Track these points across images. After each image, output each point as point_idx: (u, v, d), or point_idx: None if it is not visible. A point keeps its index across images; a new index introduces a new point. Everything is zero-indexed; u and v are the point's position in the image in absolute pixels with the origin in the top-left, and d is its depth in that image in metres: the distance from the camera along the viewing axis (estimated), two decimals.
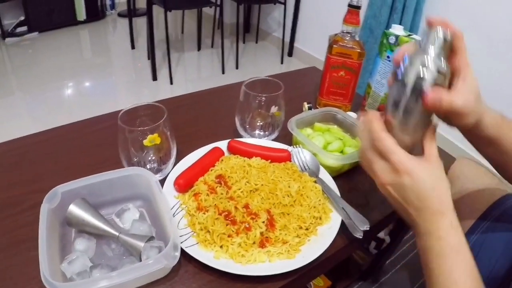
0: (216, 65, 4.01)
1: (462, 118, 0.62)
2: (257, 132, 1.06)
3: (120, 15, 5.16)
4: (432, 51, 0.60)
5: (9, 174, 0.92)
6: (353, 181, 0.98)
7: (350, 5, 1.11)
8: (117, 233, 0.73)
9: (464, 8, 2.64)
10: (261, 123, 1.04)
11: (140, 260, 0.69)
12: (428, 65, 0.59)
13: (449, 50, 0.61)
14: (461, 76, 0.61)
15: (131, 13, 4.15)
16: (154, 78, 3.52)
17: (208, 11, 4.49)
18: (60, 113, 2.94)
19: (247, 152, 0.95)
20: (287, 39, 4.30)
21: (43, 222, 0.68)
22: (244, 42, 4.65)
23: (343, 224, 0.81)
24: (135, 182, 0.81)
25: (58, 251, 0.71)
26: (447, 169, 1.01)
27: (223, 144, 0.98)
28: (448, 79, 0.61)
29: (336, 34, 1.18)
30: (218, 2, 3.66)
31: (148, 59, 3.74)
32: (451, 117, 0.63)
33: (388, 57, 1.15)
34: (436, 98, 0.59)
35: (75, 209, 0.74)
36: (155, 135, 0.82)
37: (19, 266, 0.70)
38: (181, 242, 0.72)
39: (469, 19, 2.62)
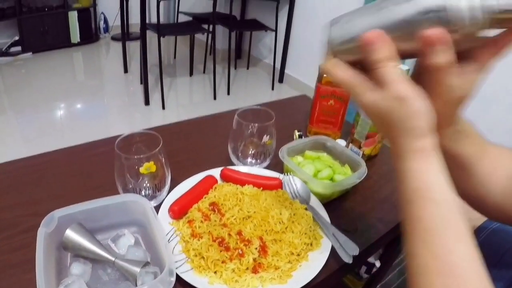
0: (208, 90, 4.05)
1: (433, 100, 0.52)
2: (249, 160, 1.08)
3: (113, 38, 5.22)
4: None
5: (4, 196, 0.92)
6: (343, 208, 1.01)
7: None
8: (113, 258, 0.74)
9: None
10: (253, 151, 1.07)
11: (136, 285, 0.70)
12: (474, 2, 0.45)
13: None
14: (471, 68, 0.53)
15: (124, 37, 4.20)
16: (147, 102, 3.55)
17: (200, 37, 4.55)
18: (51, 134, 2.96)
19: (240, 180, 0.97)
20: (278, 65, 4.36)
21: (40, 246, 0.69)
22: (235, 68, 4.71)
23: (333, 249, 0.83)
24: (130, 208, 0.82)
25: (54, 275, 0.72)
26: None
27: (216, 172, 1.01)
28: (468, 40, 0.49)
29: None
30: (211, 29, 3.71)
31: (141, 83, 3.78)
32: (427, 87, 0.53)
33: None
34: (443, 40, 0.47)
35: (71, 234, 0.75)
36: (151, 163, 0.84)
37: None
38: (176, 268, 0.74)
39: None
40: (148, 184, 0.89)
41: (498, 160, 0.67)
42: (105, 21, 5.29)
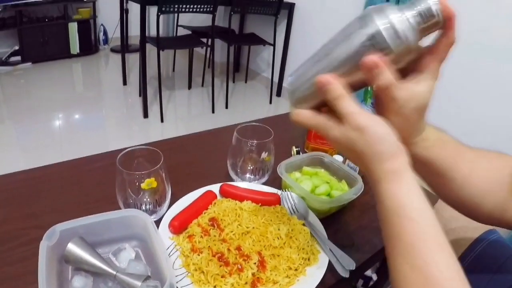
0: (206, 104, 4.07)
1: (393, 117, 0.58)
2: (247, 175, 1.09)
3: (113, 50, 5.24)
4: (410, 14, 0.52)
5: (4, 209, 0.93)
6: (340, 223, 1.02)
7: None
8: (114, 272, 0.74)
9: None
10: (252, 167, 1.08)
11: None
12: (394, 25, 0.51)
13: (431, 33, 0.55)
14: (418, 77, 0.57)
15: (124, 49, 4.21)
16: (145, 115, 3.55)
17: (199, 50, 4.58)
18: (49, 145, 2.95)
19: (239, 196, 0.99)
20: (276, 79, 4.39)
21: (42, 259, 0.69)
22: (234, 82, 4.73)
23: (330, 264, 0.84)
24: (131, 223, 0.83)
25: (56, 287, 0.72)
26: None
27: (215, 187, 1.02)
28: (406, 56, 0.54)
29: None
30: (209, 43, 3.73)
31: (140, 95, 3.79)
32: (384, 108, 0.59)
33: (372, 104, 1.20)
34: (377, 63, 0.53)
35: (73, 247, 0.75)
36: (152, 179, 0.85)
37: None
38: (177, 282, 0.75)
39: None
40: (148, 199, 0.91)
41: (475, 163, 0.69)
42: (105, 32, 5.32)
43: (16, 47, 4.33)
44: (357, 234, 1.00)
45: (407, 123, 0.60)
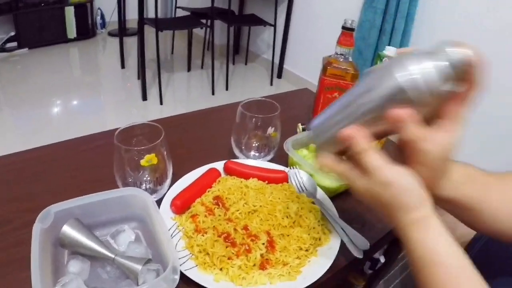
0: (205, 86, 4.02)
1: (418, 167, 0.58)
2: (252, 153, 1.05)
3: (110, 34, 5.17)
4: (429, 64, 0.52)
5: None
6: (350, 202, 0.97)
7: (344, 27, 1.12)
8: (112, 255, 0.71)
9: (449, 32, 2.68)
10: (257, 144, 1.04)
11: (137, 284, 0.67)
12: (413, 78, 0.52)
13: (458, 81, 0.53)
14: (443, 124, 0.57)
15: (121, 32, 4.16)
16: (144, 98, 3.52)
17: (198, 32, 4.52)
18: (47, 131, 2.93)
19: (244, 173, 0.95)
20: (277, 61, 4.34)
21: (35, 243, 0.66)
22: (234, 64, 4.68)
23: (342, 244, 0.80)
24: (130, 202, 0.80)
25: (51, 273, 0.68)
26: None
27: (219, 165, 0.98)
28: (429, 106, 0.55)
29: (330, 56, 1.18)
30: (209, 24, 3.68)
31: (138, 79, 3.76)
32: (409, 159, 0.59)
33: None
34: (402, 117, 0.53)
35: (68, 230, 0.72)
36: (152, 155, 0.81)
37: (11, 287, 0.69)
38: (180, 265, 0.70)
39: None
40: (148, 178, 0.86)
41: (504, 192, 0.68)
42: (102, 16, 5.24)
43: (12, 33, 4.26)
44: (368, 214, 0.95)
45: (433, 171, 0.59)
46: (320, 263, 0.77)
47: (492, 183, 0.68)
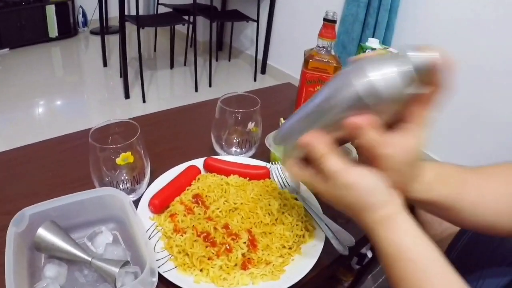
0: (189, 83, 4.01)
1: (383, 173, 0.57)
2: (233, 149, 1.03)
3: (92, 32, 5.13)
4: (389, 70, 0.50)
5: None
6: None
7: (325, 19, 1.10)
8: (89, 258, 0.68)
9: (435, 25, 2.69)
10: (238, 140, 1.02)
11: (115, 287, 0.65)
12: (372, 85, 0.50)
13: (423, 83, 0.51)
14: (406, 128, 0.55)
15: (103, 30, 4.12)
16: (127, 96, 3.49)
17: (180, 28, 4.50)
18: (29, 133, 2.88)
19: (225, 170, 0.93)
20: (260, 56, 4.34)
21: (9, 247, 0.64)
22: (217, 60, 4.66)
23: (326, 241, 0.79)
24: (107, 203, 0.77)
25: (26, 278, 0.66)
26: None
27: (199, 162, 0.95)
28: (391, 111, 0.54)
29: (311, 49, 1.17)
30: (191, 20, 3.65)
31: (121, 77, 3.72)
32: (373, 165, 0.57)
33: None
34: (359, 124, 0.53)
35: (44, 233, 0.69)
36: (128, 153, 0.79)
37: None
38: (159, 267, 0.69)
39: (437, 37, 2.68)
40: (126, 177, 0.84)
41: (481, 186, 0.67)
42: (84, 15, 5.19)
43: None
44: None
45: (400, 176, 0.58)
46: (304, 261, 0.75)
47: (468, 179, 0.67)
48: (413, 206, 0.67)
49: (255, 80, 4.28)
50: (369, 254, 1.46)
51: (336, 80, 0.56)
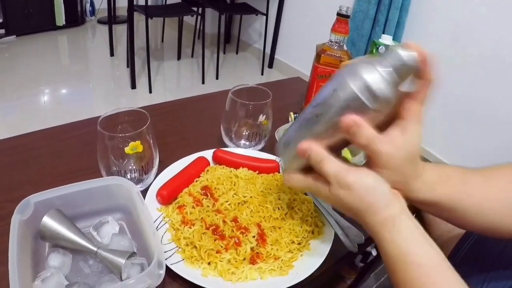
0: (196, 75, 3.99)
1: (384, 171, 0.58)
2: (242, 141, 1.02)
3: (100, 21, 5.11)
4: (382, 69, 0.52)
5: None
6: None
7: (339, 14, 1.09)
8: (95, 248, 0.67)
9: (446, 23, 2.66)
10: (248, 133, 1.01)
11: (121, 278, 0.64)
12: (368, 85, 0.52)
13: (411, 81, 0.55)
14: (403, 125, 0.57)
15: (111, 20, 4.11)
16: (133, 86, 3.48)
17: (189, 20, 4.48)
18: (34, 120, 2.87)
19: (234, 162, 0.91)
20: (268, 50, 4.32)
21: (13, 235, 0.62)
22: (224, 53, 4.65)
23: (335, 237, 0.78)
24: (114, 192, 0.76)
25: (30, 267, 0.65)
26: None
27: (208, 154, 0.94)
28: (387, 110, 0.55)
29: (324, 43, 1.15)
30: (200, 12, 3.63)
31: (127, 67, 3.71)
32: (373, 164, 0.59)
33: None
34: (355, 122, 0.54)
35: (49, 221, 0.68)
36: (137, 142, 0.77)
37: None
38: (166, 259, 0.68)
39: (451, 34, 2.64)
40: (134, 167, 0.83)
41: (485, 187, 0.66)
42: (91, 4, 5.18)
43: (0, 20, 4.18)
44: None
45: (400, 174, 0.59)
46: (313, 257, 0.74)
47: (472, 180, 0.66)
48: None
49: (262, 74, 4.27)
50: (374, 252, 1.45)
51: (331, 83, 0.57)
